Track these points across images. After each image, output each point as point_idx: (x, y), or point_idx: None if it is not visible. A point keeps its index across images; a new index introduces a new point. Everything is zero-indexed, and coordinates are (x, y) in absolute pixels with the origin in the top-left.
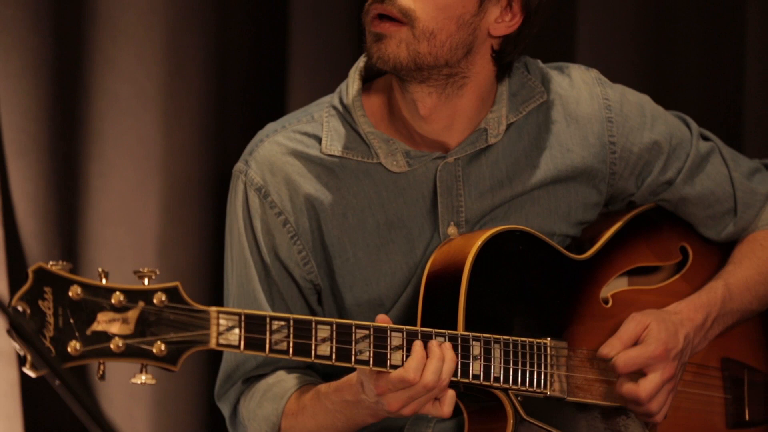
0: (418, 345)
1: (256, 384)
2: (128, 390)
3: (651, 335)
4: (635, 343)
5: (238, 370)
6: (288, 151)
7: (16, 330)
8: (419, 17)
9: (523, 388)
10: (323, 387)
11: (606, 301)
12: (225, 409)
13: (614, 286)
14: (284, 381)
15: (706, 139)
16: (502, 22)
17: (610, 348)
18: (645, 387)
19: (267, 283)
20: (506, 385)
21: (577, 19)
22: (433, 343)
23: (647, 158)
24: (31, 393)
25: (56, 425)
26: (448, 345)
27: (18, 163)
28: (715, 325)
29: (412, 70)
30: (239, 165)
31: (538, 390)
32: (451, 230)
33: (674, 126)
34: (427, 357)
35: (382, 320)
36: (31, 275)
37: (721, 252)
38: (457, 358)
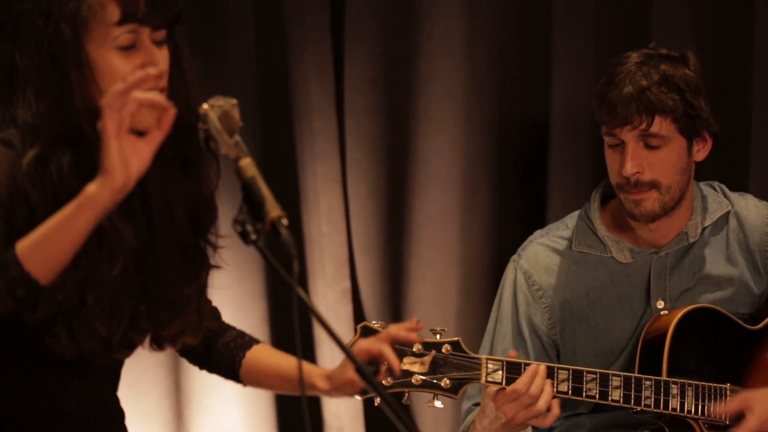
0: (531, 369)
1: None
2: (431, 412)
3: (753, 412)
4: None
5: (472, 396)
6: (549, 249)
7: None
8: (661, 181)
9: (709, 419)
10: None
11: None
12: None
13: None
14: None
15: None
16: (700, 150)
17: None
18: None
19: (517, 340)
20: (696, 416)
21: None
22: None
23: None
24: (372, 416)
25: None
26: (549, 381)
27: (362, 259)
28: None
29: (662, 215)
30: (514, 256)
31: (720, 421)
32: (659, 303)
33: None
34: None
35: (513, 355)
36: (358, 330)
37: None
38: (661, 396)
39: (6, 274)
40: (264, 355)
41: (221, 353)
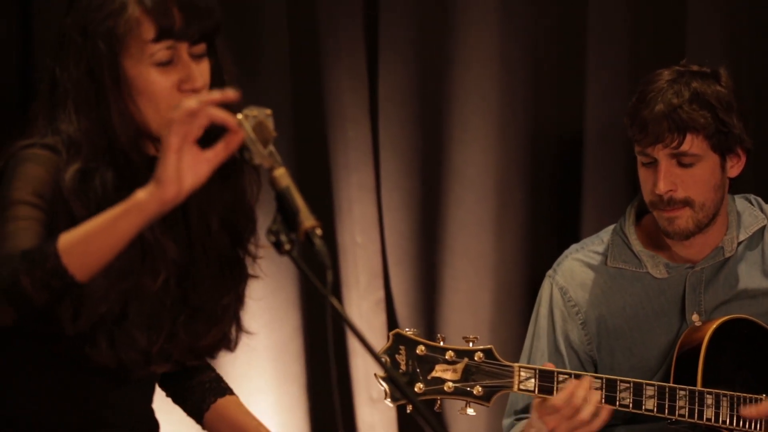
0: (571, 384)
1: (518, 422)
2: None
3: None
4: None
5: (513, 412)
6: (584, 264)
7: (389, 374)
8: (694, 199)
9: (744, 429)
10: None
11: None
12: None
13: None
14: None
15: None
16: (734, 166)
17: None
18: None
19: (554, 356)
20: (731, 427)
21: None
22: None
23: None
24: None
25: None
26: (595, 391)
27: (396, 269)
28: None
29: (696, 232)
30: (550, 272)
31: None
32: (694, 317)
33: None
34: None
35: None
36: (391, 337)
37: None
38: (695, 406)
39: (44, 266)
40: (235, 409)
41: (194, 389)
